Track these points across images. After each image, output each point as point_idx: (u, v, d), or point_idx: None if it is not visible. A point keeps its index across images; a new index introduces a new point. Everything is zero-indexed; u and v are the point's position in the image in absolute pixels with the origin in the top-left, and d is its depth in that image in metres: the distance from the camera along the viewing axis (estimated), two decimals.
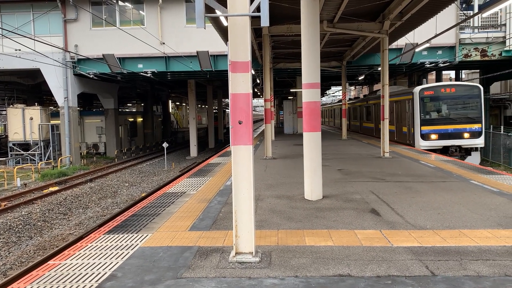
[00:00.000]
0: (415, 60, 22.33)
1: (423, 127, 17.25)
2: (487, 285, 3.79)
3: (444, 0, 12.37)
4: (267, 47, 14.31)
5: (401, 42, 20.24)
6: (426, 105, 17.26)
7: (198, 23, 4.38)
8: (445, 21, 20.35)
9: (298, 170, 10.91)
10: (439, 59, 22.28)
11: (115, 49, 22.60)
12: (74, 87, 24.06)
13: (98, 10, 23.48)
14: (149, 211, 6.96)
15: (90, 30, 23.39)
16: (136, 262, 4.60)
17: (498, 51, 21.94)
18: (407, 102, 18.36)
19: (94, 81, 25.89)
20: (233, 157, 4.53)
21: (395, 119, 20.20)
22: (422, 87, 17.50)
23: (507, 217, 5.99)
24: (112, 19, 23.58)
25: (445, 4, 12.76)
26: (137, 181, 20.41)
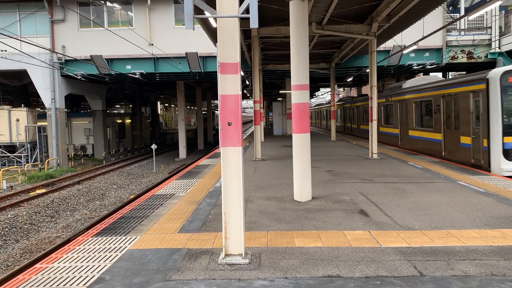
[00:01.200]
0: (403, 62, 22.54)
1: (507, 139, 10.57)
2: (474, 285, 3.83)
3: (431, 3, 12.50)
4: (256, 49, 14.32)
5: (389, 44, 20.41)
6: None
7: (187, 24, 4.36)
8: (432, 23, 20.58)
9: (288, 172, 10.93)
10: (427, 61, 22.52)
11: (103, 50, 22.43)
12: (61, 88, 23.80)
13: (85, 10, 23.28)
14: (138, 213, 6.90)
15: (78, 31, 23.17)
16: (125, 264, 4.56)
17: (484, 53, 22.25)
18: (471, 96, 11.72)
19: (81, 82, 25.65)
20: (223, 158, 4.52)
21: (444, 122, 13.60)
22: (505, 69, 10.69)
23: (494, 217, 6.06)
24: (100, 20, 23.39)
25: (432, 6, 12.90)
26: (125, 183, 20.25)
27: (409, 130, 17.38)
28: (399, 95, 18.52)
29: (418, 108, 16.16)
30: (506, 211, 6.42)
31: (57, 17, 23.05)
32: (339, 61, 22.73)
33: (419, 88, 16.10)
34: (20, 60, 20.48)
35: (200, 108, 38.67)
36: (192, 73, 23.39)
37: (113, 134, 32.52)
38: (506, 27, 22.25)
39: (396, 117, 18.93)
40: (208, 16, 4.55)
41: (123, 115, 37.83)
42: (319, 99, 71.49)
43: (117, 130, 33.78)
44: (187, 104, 59.93)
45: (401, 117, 18.31)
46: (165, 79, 27.34)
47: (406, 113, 17.60)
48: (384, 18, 13.22)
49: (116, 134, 33.28)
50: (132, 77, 23.90)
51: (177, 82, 30.46)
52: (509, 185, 8.43)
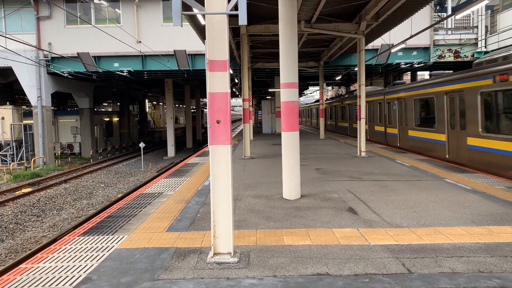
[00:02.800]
0: (391, 61, 22.70)
1: None
2: (461, 282, 3.85)
3: (419, 2, 12.59)
4: (245, 47, 14.28)
5: (377, 43, 20.52)
6: None
7: (175, 21, 4.32)
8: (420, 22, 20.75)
9: (277, 170, 10.93)
10: (414, 59, 22.71)
11: (91, 48, 22.18)
12: (47, 86, 23.50)
13: (72, 7, 23.00)
14: (126, 212, 6.84)
15: (64, 28, 22.89)
16: (112, 264, 4.50)
17: (470, 52, 22.51)
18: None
19: (68, 80, 25.34)
20: (211, 157, 4.49)
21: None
22: None
23: (480, 215, 6.13)
24: (87, 17, 23.13)
25: (420, 5, 13.00)
26: (113, 181, 20.08)
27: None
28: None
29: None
30: (492, 208, 6.49)
31: (43, 14, 22.73)
32: (328, 59, 22.81)
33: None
34: (5, 57, 20.18)
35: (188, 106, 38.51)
36: (180, 71, 23.27)
37: (100, 133, 32.23)
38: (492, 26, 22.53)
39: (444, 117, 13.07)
40: (197, 13, 4.51)
41: (110, 113, 37.50)
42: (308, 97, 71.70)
43: (105, 128, 33.48)
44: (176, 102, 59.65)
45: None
46: (153, 77, 27.16)
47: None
48: (373, 17, 13.28)
49: (103, 133, 32.98)
50: (120, 75, 23.69)
51: (166, 80, 30.29)
52: (495, 183, 8.53)
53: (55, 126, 29.55)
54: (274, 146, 18.62)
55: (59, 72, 22.80)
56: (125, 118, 37.07)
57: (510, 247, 4.73)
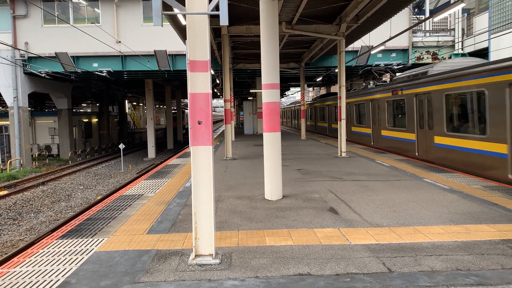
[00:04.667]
0: (371, 62, 22.98)
1: None
2: (440, 280, 3.92)
3: (398, 4, 12.78)
4: (227, 47, 14.25)
5: (357, 45, 20.75)
6: None
7: (155, 21, 4.28)
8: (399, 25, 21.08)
9: (258, 171, 10.93)
10: (393, 61, 23.05)
11: (69, 47, 21.81)
12: (24, 86, 23.00)
13: (50, 6, 22.57)
14: (105, 214, 6.73)
15: (42, 27, 22.46)
16: (91, 267, 4.43)
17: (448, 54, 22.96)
18: None
19: (46, 80, 24.86)
20: (193, 158, 4.45)
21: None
22: None
23: (458, 214, 6.24)
24: (65, 16, 22.74)
25: (398, 8, 13.20)
26: (92, 183, 19.78)
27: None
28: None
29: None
30: (470, 207, 6.62)
31: (19, 13, 22.25)
32: (309, 61, 22.96)
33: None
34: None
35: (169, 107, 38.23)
36: (161, 71, 23.08)
37: (79, 134, 31.72)
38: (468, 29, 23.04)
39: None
40: (177, 13, 4.47)
41: (89, 114, 36.95)
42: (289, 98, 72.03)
43: (84, 129, 32.96)
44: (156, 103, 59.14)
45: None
46: (133, 77, 26.88)
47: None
48: (353, 19, 13.42)
49: (82, 134, 32.47)
50: (99, 75, 23.36)
51: (146, 80, 30.01)
52: (472, 182, 8.71)
53: (32, 127, 28.96)
54: (256, 147, 18.63)
55: (36, 72, 22.35)
56: (105, 119, 36.57)
57: (487, 245, 4.83)
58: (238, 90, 40.34)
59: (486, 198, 7.24)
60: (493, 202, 6.89)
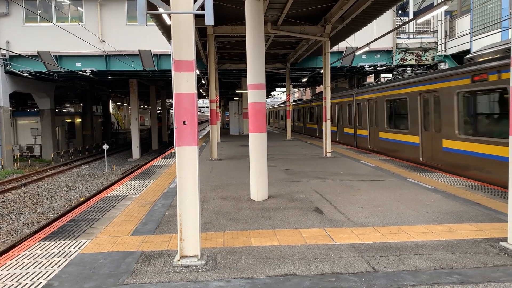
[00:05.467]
0: (355, 63, 23.17)
1: None
2: (424, 279, 3.96)
3: (382, 6, 12.91)
4: (212, 47, 14.21)
5: (342, 46, 20.90)
6: None
7: (139, 20, 4.23)
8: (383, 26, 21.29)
9: (244, 171, 10.92)
10: (378, 62, 23.28)
11: (52, 47, 21.48)
12: (5, 86, 22.56)
13: (32, 5, 22.19)
14: (89, 216, 6.65)
15: (24, 26, 22.08)
16: (75, 269, 4.36)
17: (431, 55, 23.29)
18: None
19: (28, 80, 24.44)
20: (178, 158, 4.42)
21: None
22: None
23: (441, 213, 6.33)
24: (47, 15, 22.41)
25: (383, 9, 13.33)
26: (75, 184, 19.51)
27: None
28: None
29: None
30: (452, 206, 6.72)
31: (0, 11, 21.83)
32: (294, 61, 23.03)
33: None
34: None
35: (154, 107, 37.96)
36: (145, 71, 22.90)
37: (62, 134, 31.27)
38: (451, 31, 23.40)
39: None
40: (162, 12, 4.44)
41: (73, 114, 36.46)
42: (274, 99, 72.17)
43: (67, 129, 32.50)
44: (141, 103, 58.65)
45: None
46: (117, 77, 26.61)
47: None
48: (338, 20, 13.50)
49: (65, 134, 32.02)
50: (83, 75, 23.07)
51: (130, 80, 29.75)
52: (455, 182, 8.84)
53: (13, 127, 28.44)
54: (242, 147, 18.61)
55: (18, 71, 21.96)
56: (88, 119, 36.13)
57: (469, 244, 4.90)
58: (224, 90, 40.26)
59: (468, 197, 7.35)
60: (475, 202, 7.00)
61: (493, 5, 18.52)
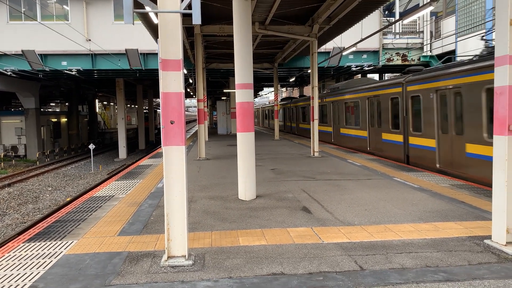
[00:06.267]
0: (342, 64, 23.29)
1: None
2: (410, 277, 4.00)
3: (369, 6, 13.01)
4: (200, 47, 14.16)
5: (329, 46, 21.00)
6: None
7: (126, 19, 4.20)
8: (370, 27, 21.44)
9: (232, 171, 10.91)
10: (364, 62, 23.44)
11: (36, 45, 21.18)
12: None
13: (16, 2, 21.85)
14: (75, 216, 6.57)
15: (7, 24, 21.72)
16: (60, 271, 4.31)
17: (417, 56, 23.54)
18: None
19: (12, 79, 24.06)
20: (165, 158, 4.40)
21: None
22: None
23: (427, 212, 6.40)
24: (32, 13, 22.08)
25: (370, 9, 13.43)
26: (61, 185, 19.28)
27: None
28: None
29: None
30: (438, 205, 6.80)
31: None
32: (282, 61, 23.07)
33: None
34: None
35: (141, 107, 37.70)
36: (132, 70, 22.72)
37: (47, 134, 30.88)
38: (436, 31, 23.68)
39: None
40: (149, 11, 4.41)
41: (58, 113, 36.02)
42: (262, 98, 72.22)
43: (52, 129, 32.10)
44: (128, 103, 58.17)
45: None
46: (103, 76, 26.36)
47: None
48: (325, 20, 13.57)
49: (51, 134, 31.63)
50: (68, 74, 22.80)
51: (117, 79, 29.49)
52: (441, 181, 8.95)
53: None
54: (230, 147, 18.58)
55: (2, 70, 21.59)
56: (74, 118, 35.73)
57: (455, 242, 4.97)
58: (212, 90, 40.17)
59: (453, 196, 7.45)
60: (460, 200, 7.10)
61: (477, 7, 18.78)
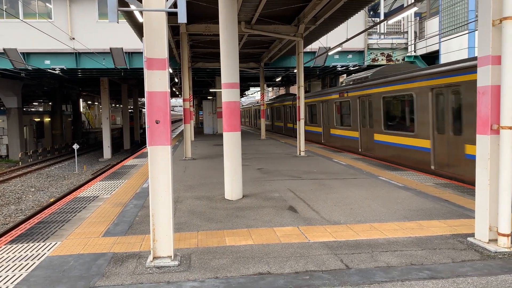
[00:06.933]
0: (328, 63, 23.41)
1: None
2: (395, 275, 4.04)
3: (354, 6, 13.09)
4: (185, 46, 14.08)
5: (315, 46, 21.08)
6: None
7: (110, 17, 4.14)
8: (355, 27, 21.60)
9: (218, 170, 10.87)
10: (350, 62, 23.60)
11: (19, 43, 20.81)
12: None
13: None
14: (58, 217, 6.48)
15: None
16: (43, 273, 4.24)
17: (401, 56, 23.79)
18: None
19: None
20: (150, 158, 4.36)
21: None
22: None
23: (412, 210, 6.47)
24: (14, 11, 21.70)
25: (355, 10, 13.52)
26: (44, 185, 19.00)
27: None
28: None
29: None
30: (422, 204, 6.88)
31: None
32: (268, 61, 23.08)
33: None
34: None
35: (126, 106, 37.35)
36: (117, 69, 22.49)
37: (30, 134, 30.40)
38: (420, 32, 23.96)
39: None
40: (134, 9, 4.36)
41: (41, 113, 35.50)
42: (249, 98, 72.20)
43: (35, 129, 31.62)
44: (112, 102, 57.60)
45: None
46: (88, 76, 26.05)
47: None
48: (311, 20, 13.62)
49: (34, 134, 31.15)
50: (52, 73, 22.46)
51: (101, 78, 29.16)
52: (425, 180, 9.06)
53: None
54: (216, 146, 18.53)
55: None
56: (58, 118, 35.22)
57: (439, 240, 5.03)
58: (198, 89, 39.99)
59: (438, 195, 7.54)
60: (444, 199, 7.19)
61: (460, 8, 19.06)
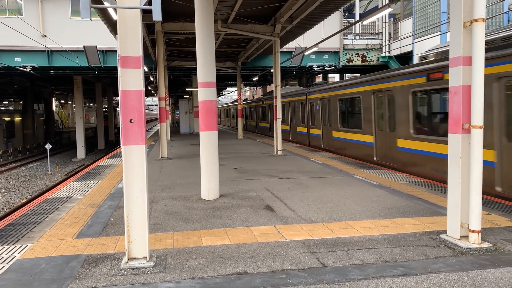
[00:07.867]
0: (304, 63, 23.58)
1: None
2: (370, 272, 4.09)
3: (330, 7, 13.23)
4: (161, 44, 13.93)
5: (291, 46, 21.20)
6: None
7: (83, 14, 4.05)
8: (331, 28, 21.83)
9: (195, 170, 10.80)
10: (326, 63, 23.83)
11: None
12: None
13: None
14: (29, 219, 6.30)
15: None
16: (13, 276, 4.11)
17: (376, 56, 24.15)
18: None
19: None
20: (124, 158, 4.29)
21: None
22: None
23: (386, 208, 6.57)
24: None
25: (330, 10, 13.66)
26: (15, 186, 18.47)
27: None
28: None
29: None
30: (396, 202, 7.00)
31: None
32: (245, 60, 23.08)
33: None
34: None
35: (100, 105, 36.70)
36: (91, 67, 22.07)
37: (0, 133, 29.50)
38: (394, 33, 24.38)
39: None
40: (107, 6, 4.28)
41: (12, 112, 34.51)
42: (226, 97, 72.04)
43: (5, 128, 30.72)
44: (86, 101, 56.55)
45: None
46: (60, 74, 25.47)
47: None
48: (287, 20, 13.68)
49: (4, 133, 30.25)
50: (23, 71, 21.85)
51: (75, 77, 28.55)
52: (399, 178, 9.22)
53: None
54: (192, 146, 18.40)
55: None
56: (29, 117, 34.32)
57: (412, 237, 5.12)
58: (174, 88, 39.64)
59: (411, 193, 7.69)
60: (417, 197, 7.34)
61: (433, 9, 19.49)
